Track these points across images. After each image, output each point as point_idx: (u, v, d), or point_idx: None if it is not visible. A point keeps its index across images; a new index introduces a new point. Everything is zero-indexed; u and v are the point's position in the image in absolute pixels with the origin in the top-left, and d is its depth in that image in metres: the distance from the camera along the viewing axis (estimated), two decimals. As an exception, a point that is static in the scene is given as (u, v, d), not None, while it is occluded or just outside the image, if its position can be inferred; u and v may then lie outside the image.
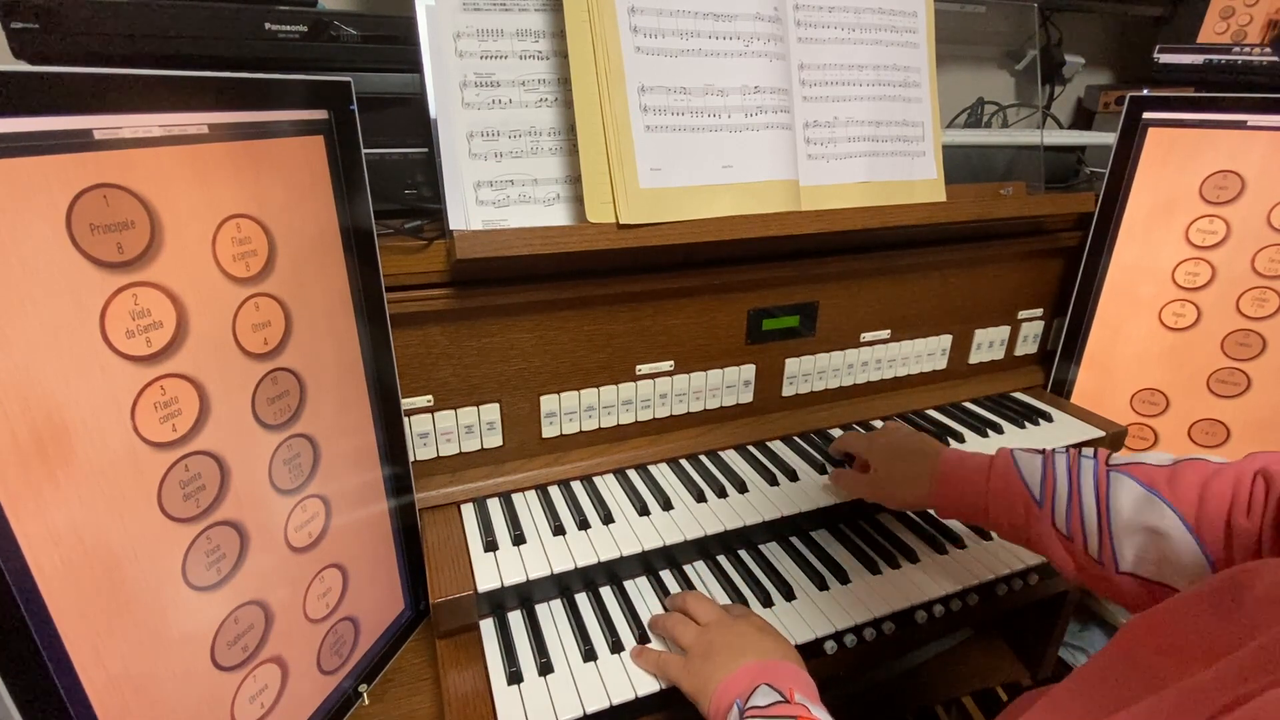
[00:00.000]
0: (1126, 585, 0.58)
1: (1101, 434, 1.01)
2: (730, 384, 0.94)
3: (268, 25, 0.69)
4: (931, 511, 0.73)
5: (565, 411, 0.86)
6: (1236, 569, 0.40)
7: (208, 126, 0.48)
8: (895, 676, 1.09)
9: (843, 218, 0.80)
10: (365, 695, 0.69)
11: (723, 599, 0.76)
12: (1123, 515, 0.57)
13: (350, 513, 0.66)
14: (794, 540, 0.87)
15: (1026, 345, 1.17)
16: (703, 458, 0.93)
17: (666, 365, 0.89)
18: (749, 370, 0.94)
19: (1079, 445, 1.00)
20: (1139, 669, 0.40)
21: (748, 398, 0.96)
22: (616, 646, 0.70)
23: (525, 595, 0.75)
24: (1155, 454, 0.60)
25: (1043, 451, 0.67)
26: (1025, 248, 1.05)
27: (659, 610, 0.75)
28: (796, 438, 0.98)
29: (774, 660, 0.60)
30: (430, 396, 0.78)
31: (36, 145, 0.39)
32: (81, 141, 0.41)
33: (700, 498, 0.84)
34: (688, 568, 0.82)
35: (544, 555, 0.74)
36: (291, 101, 0.54)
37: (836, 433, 0.99)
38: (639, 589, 0.78)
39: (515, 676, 0.66)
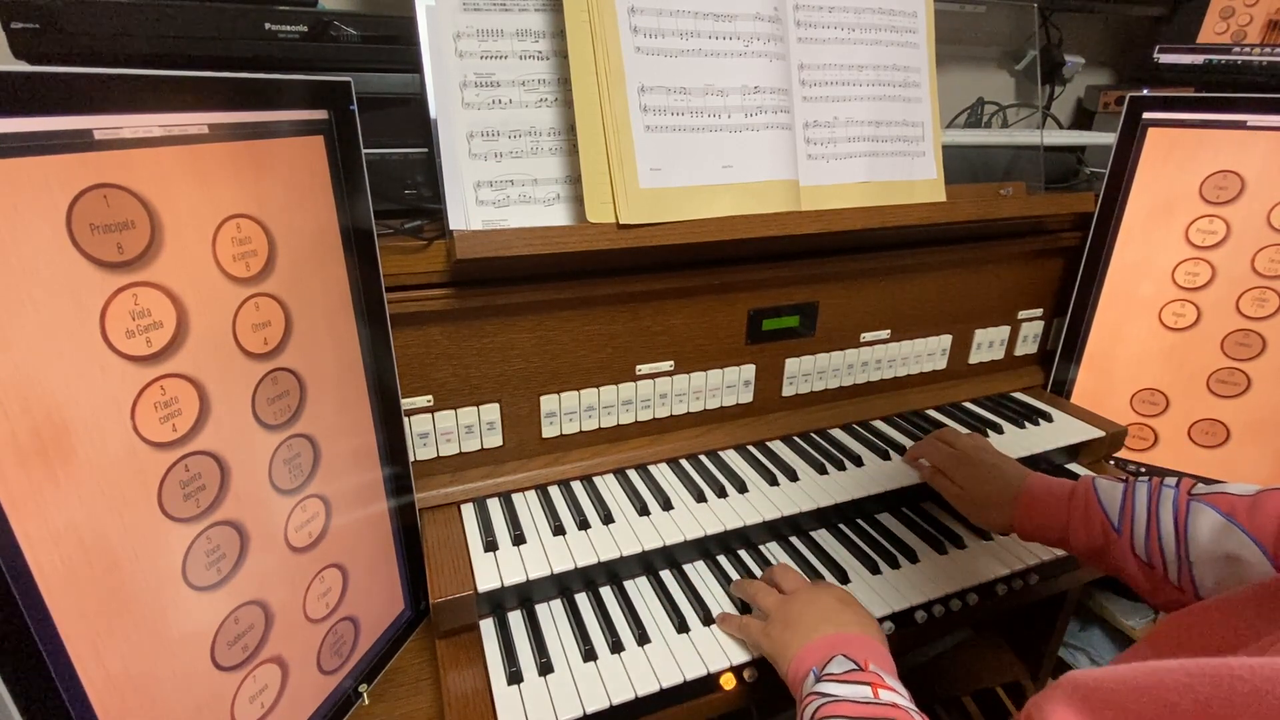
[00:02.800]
0: None
1: (1101, 434, 1.01)
2: (730, 384, 0.94)
3: (268, 25, 0.69)
4: (1015, 535, 0.77)
5: (565, 411, 0.86)
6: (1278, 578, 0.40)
7: (208, 126, 0.48)
8: (895, 676, 1.09)
9: (843, 218, 0.80)
10: (365, 695, 0.69)
11: (723, 598, 0.77)
12: (1201, 543, 0.58)
13: (350, 513, 0.66)
14: (794, 540, 0.87)
15: (1026, 345, 1.17)
16: (703, 458, 0.93)
17: (666, 365, 0.89)
18: (749, 370, 0.94)
19: (1080, 445, 1.00)
20: None
21: (748, 398, 0.96)
22: (617, 646, 0.70)
23: (525, 595, 0.75)
24: (1239, 484, 0.60)
25: (1125, 480, 0.68)
26: (1025, 248, 1.05)
27: (659, 610, 0.75)
28: (796, 438, 0.98)
29: (853, 633, 0.61)
30: (430, 396, 0.78)
31: (36, 145, 0.39)
32: (81, 141, 0.41)
33: (700, 498, 0.84)
34: (688, 567, 0.82)
35: (544, 555, 0.74)
36: (291, 101, 0.54)
37: (837, 433, 0.99)
38: (639, 589, 0.78)
39: (515, 676, 0.66)
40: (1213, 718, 0.27)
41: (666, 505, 0.82)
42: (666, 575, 0.80)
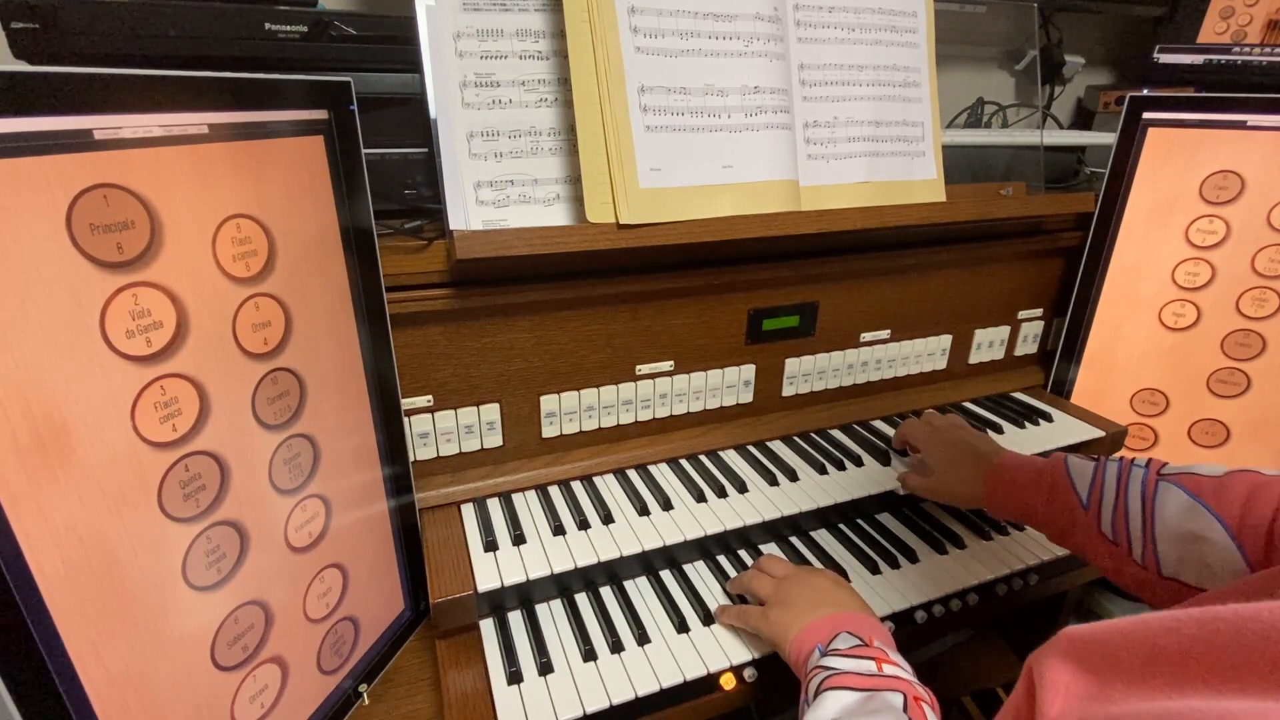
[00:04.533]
0: (1170, 590, 0.59)
1: (1101, 434, 1.01)
2: (730, 384, 0.94)
3: (268, 25, 0.69)
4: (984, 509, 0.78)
5: (565, 411, 0.86)
6: (1277, 569, 0.40)
7: (208, 126, 0.48)
8: (895, 676, 1.09)
9: (843, 218, 0.80)
10: (365, 695, 0.69)
11: (722, 599, 0.77)
12: (1168, 522, 0.59)
13: (350, 513, 0.66)
14: (793, 540, 0.87)
15: (1026, 345, 1.17)
16: (703, 458, 0.93)
17: (666, 365, 0.89)
18: (749, 370, 0.94)
19: (1080, 445, 1.00)
20: None
21: (748, 398, 0.96)
22: (616, 646, 0.70)
23: (525, 595, 0.75)
24: (1209, 465, 0.61)
25: (1096, 459, 0.68)
26: (1025, 248, 1.05)
27: (659, 610, 0.75)
28: (796, 438, 0.98)
29: (852, 612, 0.64)
30: (430, 396, 0.78)
31: (36, 145, 0.39)
32: (81, 141, 0.41)
33: (700, 498, 0.84)
34: (688, 567, 0.82)
35: (544, 555, 0.74)
36: (292, 101, 0.54)
37: (836, 433, 0.99)
38: (639, 589, 0.78)
39: (515, 676, 0.66)
40: (1195, 656, 0.27)
41: (666, 505, 0.82)
42: (666, 575, 0.80)
